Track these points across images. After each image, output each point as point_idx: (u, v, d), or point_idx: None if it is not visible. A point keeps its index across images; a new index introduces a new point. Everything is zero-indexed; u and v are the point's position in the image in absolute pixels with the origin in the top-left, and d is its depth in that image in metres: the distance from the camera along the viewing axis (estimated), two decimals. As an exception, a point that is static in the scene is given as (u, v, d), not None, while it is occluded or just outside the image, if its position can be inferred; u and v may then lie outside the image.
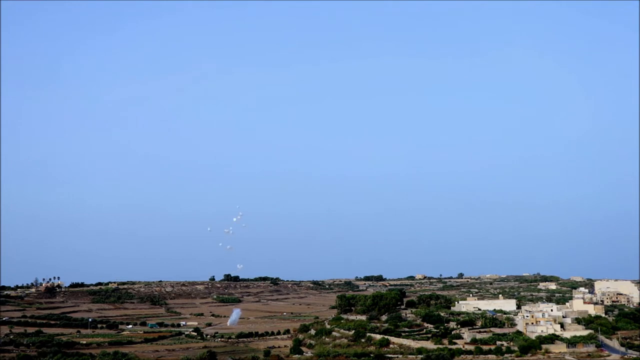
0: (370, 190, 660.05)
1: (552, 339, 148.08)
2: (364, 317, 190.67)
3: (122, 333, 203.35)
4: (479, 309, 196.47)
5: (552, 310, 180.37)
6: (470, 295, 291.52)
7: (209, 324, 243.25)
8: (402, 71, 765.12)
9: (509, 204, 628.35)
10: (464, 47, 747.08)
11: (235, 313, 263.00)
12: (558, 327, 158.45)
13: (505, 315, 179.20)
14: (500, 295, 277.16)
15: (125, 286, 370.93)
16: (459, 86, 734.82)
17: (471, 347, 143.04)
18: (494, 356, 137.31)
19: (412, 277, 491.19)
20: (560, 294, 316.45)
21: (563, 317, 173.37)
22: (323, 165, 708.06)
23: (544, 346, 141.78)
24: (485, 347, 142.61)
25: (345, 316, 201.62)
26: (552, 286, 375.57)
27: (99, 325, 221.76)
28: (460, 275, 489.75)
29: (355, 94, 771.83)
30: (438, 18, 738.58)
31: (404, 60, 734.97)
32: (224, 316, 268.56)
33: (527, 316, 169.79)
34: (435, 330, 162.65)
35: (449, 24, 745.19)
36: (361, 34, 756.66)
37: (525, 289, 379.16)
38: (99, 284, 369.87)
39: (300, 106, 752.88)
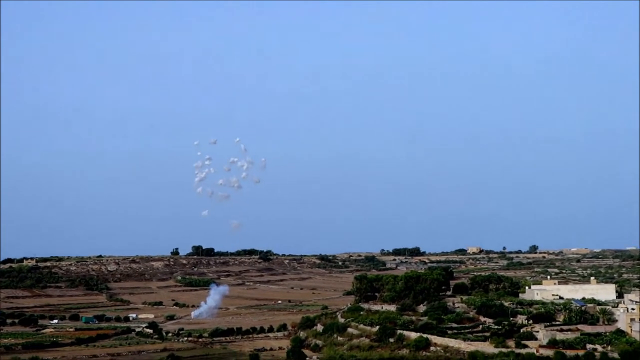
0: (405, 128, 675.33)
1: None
2: (392, 308, 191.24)
3: (44, 331, 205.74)
4: (561, 298, 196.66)
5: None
6: (548, 277, 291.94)
7: (171, 317, 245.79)
8: (401, 70, 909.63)
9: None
10: (464, 46, 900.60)
11: (216, 291, 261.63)
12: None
13: (599, 307, 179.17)
14: (592, 278, 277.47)
15: (48, 264, 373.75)
16: (460, 85, 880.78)
17: (549, 352, 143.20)
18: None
19: (462, 251, 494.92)
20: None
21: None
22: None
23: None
24: (569, 352, 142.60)
25: (366, 306, 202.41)
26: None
27: (9, 321, 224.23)
28: (534, 249, 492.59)
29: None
30: (438, 18, 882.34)
31: (404, 59, 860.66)
32: (193, 305, 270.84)
33: (633, 309, 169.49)
34: (496, 327, 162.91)
35: (449, 24, 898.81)
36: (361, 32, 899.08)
37: (629, 269, 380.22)
38: (9, 260, 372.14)
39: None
